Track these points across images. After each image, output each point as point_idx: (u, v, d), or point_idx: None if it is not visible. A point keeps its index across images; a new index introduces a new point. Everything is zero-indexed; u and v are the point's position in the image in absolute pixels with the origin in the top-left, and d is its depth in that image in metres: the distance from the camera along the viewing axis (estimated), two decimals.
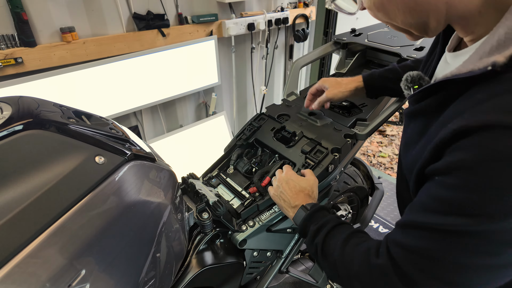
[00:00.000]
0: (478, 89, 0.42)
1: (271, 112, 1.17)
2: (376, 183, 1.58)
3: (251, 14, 2.29)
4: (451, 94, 0.47)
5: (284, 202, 0.80)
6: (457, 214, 0.41)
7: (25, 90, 1.52)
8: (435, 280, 0.44)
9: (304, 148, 0.99)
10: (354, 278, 0.55)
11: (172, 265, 0.71)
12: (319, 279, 1.23)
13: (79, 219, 0.47)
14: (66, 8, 1.57)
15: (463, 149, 0.40)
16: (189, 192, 0.92)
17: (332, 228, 0.65)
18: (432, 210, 0.44)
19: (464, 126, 0.40)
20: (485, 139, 0.38)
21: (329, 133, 1.03)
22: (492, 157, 0.37)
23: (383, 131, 3.55)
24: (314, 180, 0.85)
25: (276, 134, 1.08)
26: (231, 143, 1.13)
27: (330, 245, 0.63)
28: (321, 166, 0.94)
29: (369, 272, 0.52)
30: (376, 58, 1.48)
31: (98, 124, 0.61)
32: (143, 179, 0.59)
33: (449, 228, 0.42)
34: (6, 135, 0.45)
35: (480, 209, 0.39)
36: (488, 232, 0.40)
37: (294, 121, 1.11)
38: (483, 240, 0.40)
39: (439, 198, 0.43)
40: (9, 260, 0.40)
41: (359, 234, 0.62)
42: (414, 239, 0.46)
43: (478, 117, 0.39)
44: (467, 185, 0.40)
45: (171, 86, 2.08)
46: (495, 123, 0.37)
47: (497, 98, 0.39)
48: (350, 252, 0.58)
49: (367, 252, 0.54)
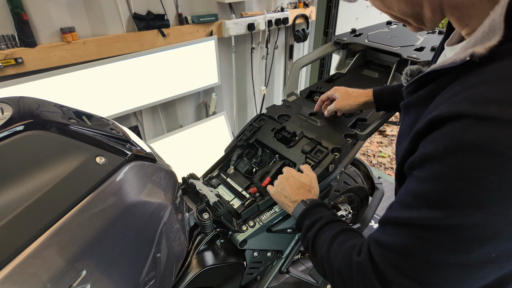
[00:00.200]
0: (459, 82, 0.42)
1: (271, 113, 1.17)
2: (376, 183, 1.59)
3: (251, 14, 2.29)
4: (439, 86, 0.47)
5: (285, 198, 0.81)
6: (427, 207, 0.41)
7: (25, 91, 1.52)
8: (407, 278, 0.44)
9: (304, 148, 0.99)
10: (337, 274, 0.56)
11: (172, 266, 0.71)
12: (319, 279, 1.23)
13: (80, 219, 0.47)
14: (66, 8, 1.57)
15: (435, 140, 0.40)
16: (190, 193, 0.92)
17: (324, 224, 0.66)
18: (406, 205, 0.44)
19: (435, 116, 0.40)
20: (455, 129, 0.38)
21: (330, 133, 1.03)
22: (461, 147, 0.37)
23: (383, 131, 3.55)
24: (313, 175, 0.86)
25: (276, 134, 1.08)
26: (232, 143, 1.13)
27: (319, 241, 0.64)
28: (321, 166, 0.94)
29: (350, 269, 0.53)
30: (376, 58, 1.48)
31: (99, 125, 0.61)
32: (144, 180, 0.60)
33: (419, 223, 0.42)
34: (7, 135, 0.45)
35: (447, 202, 0.39)
36: (456, 227, 0.39)
37: (294, 121, 1.12)
38: (452, 236, 0.39)
39: (413, 192, 0.43)
40: (10, 261, 0.40)
41: (348, 232, 0.63)
42: (389, 236, 0.47)
43: (450, 107, 0.39)
44: (436, 177, 0.39)
45: (171, 86, 2.08)
46: (465, 113, 0.37)
47: (472, 90, 0.38)
48: (335, 249, 0.59)
49: (351, 249, 0.55)
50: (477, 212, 0.37)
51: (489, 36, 0.39)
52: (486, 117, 0.36)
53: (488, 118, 0.35)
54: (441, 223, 0.40)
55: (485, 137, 0.35)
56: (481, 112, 0.36)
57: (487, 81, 0.38)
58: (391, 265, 0.46)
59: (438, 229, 0.40)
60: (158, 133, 2.24)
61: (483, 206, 0.37)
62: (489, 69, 0.39)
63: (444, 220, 0.39)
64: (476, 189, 0.37)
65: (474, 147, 0.36)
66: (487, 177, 0.36)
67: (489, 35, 0.39)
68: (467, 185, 0.37)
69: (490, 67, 0.39)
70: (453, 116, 0.38)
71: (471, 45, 0.41)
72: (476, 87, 0.38)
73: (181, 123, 2.35)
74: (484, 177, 0.36)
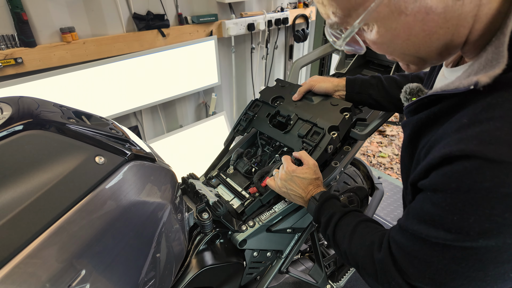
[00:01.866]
0: (465, 113, 0.43)
1: (265, 97, 1.12)
2: (376, 183, 1.58)
3: (251, 14, 2.29)
4: (442, 111, 0.48)
5: (298, 197, 0.83)
6: (444, 230, 0.44)
7: (25, 90, 1.52)
8: (429, 279, 0.47)
9: (300, 131, 0.96)
10: (361, 268, 0.62)
11: (172, 265, 0.71)
12: (319, 279, 1.23)
13: (79, 219, 0.47)
14: (66, 8, 1.57)
15: (447, 176, 0.42)
16: (189, 192, 0.92)
17: (339, 219, 0.71)
18: (423, 220, 0.47)
19: (447, 154, 0.41)
20: (466, 170, 0.39)
21: (325, 110, 0.97)
22: (472, 188, 0.39)
23: (383, 131, 3.55)
24: (313, 164, 0.85)
25: (272, 120, 1.05)
26: (229, 136, 1.12)
27: (339, 236, 0.69)
28: (319, 149, 0.91)
29: (372, 264, 0.58)
30: (376, 58, 1.48)
31: (98, 124, 0.61)
32: (143, 179, 0.59)
33: (436, 241, 0.45)
34: (6, 135, 0.45)
35: (462, 230, 0.41)
36: (471, 250, 0.42)
37: (288, 102, 1.06)
38: (467, 256, 0.42)
39: (428, 212, 0.46)
40: (9, 261, 0.40)
41: (363, 224, 0.67)
42: (409, 241, 0.50)
43: (460, 146, 0.40)
44: (450, 208, 0.42)
45: (171, 86, 2.09)
46: (475, 154, 0.38)
47: (480, 126, 0.40)
48: (356, 245, 0.64)
49: (371, 245, 0.60)
50: (492, 241, 0.40)
51: (492, 64, 0.39)
52: (497, 160, 0.37)
53: (499, 162, 0.37)
54: (457, 245, 0.43)
55: (497, 181, 0.37)
56: (491, 155, 0.37)
57: (495, 118, 0.39)
58: (413, 266, 0.49)
59: (454, 248, 0.43)
60: (158, 133, 2.24)
61: (498, 236, 0.39)
62: (495, 103, 0.39)
63: (460, 243, 0.42)
64: (489, 223, 0.39)
65: (486, 189, 0.38)
66: (500, 214, 0.38)
67: (492, 63, 0.39)
68: (481, 220, 0.39)
69: (496, 100, 0.39)
70: (463, 156, 0.39)
71: (474, 71, 0.42)
72: (484, 123, 0.39)
73: (181, 123, 2.35)
74: (497, 214, 0.38)
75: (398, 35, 0.46)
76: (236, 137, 1.12)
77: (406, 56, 0.50)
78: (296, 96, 1.04)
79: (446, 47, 0.46)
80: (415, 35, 0.45)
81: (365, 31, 0.49)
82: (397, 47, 0.48)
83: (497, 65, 0.38)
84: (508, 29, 0.39)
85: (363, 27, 0.48)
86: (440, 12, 0.42)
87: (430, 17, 0.42)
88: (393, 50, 0.50)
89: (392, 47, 0.49)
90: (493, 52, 0.40)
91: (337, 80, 1.00)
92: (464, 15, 0.42)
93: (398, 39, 0.46)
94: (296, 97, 1.04)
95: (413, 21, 0.43)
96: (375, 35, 0.47)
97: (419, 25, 0.44)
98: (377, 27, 0.46)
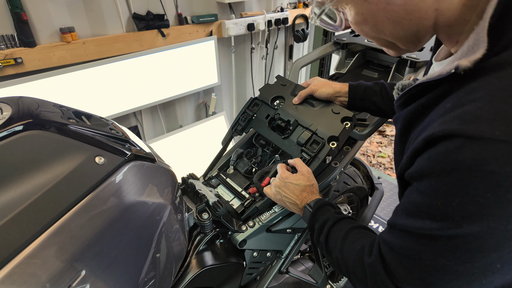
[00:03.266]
0: (450, 99, 0.43)
1: (264, 95, 1.09)
2: (376, 183, 1.59)
3: (251, 14, 2.29)
4: (429, 101, 0.48)
5: (293, 204, 0.82)
6: (429, 219, 0.43)
7: (25, 91, 1.52)
8: (418, 279, 0.47)
9: (299, 139, 0.95)
10: (352, 274, 0.61)
11: (172, 266, 0.71)
12: (319, 279, 1.23)
13: (79, 219, 0.47)
14: (66, 8, 1.57)
15: (430, 158, 0.42)
16: (189, 193, 0.92)
17: (332, 226, 0.70)
18: (410, 213, 0.47)
19: (430, 135, 0.41)
20: (448, 149, 0.39)
21: (326, 118, 0.96)
22: (455, 167, 0.39)
23: (383, 131, 3.55)
24: (307, 171, 0.85)
25: (271, 122, 1.04)
26: (227, 135, 1.11)
27: (331, 243, 0.68)
28: (317, 160, 0.91)
29: (363, 269, 0.57)
30: (376, 59, 1.48)
31: (98, 125, 0.61)
32: (143, 180, 0.59)
33: (423, 232, 0.44)
34: (6, 135, 0.45)
35: (447, 216, 0.41)
36: (456, 238, 0.41)
37: (288, 105, 1.04)
38: (454, 246, 0.42)
39: (415, 202, 0.46)
40: (9, 261, 0.40)
41: (355, 230, 0.67)
42: (398, 239, 0.50)
43: (442, 126, 0.40)
44: (435, 193, 0.42)
45: (171, 86, 2.08)
46: (457, 132, 0.38)
47: (462, 108, 0.40)
48: (347, 250, 0.63)
49: (361, 250, 0.59)
50: (476, 226, 0.39)
51: (473, 49, 0.40)
52: (477, 137, 0.37)
53: (479, 138, 0.37)
54: (442, 234, 0.42)
55: (478, 158, 0.37)
56: (472, 133, 0.37)
57: (476, 99, 0.39)
58: (402, 266, 0.49)
59: (440, 239, 0.43)
60: (157, 133, 2.24)
61: (482, 220, 0.38)
62: (478, 86, 0.40)
63: (445, 231, 0.42)
64: (472, 205, 0.38)
65: (468, 168, 0.38)
66: (482, 194, 0.37)
67: (473, 49, 0.40)
68: (464, 202, 0.39)
69: (478, 84, 0.40)
70: (445, 136, 0.39)
71: (457, 58, 0.43)
72: (466, 105, 0.39)
73: (180, 123, 2.35)
74: (480, 195, 0.37)
75: (366, 20, 0.50)
76: (234, 136, 1.11)
77: (379, 40, 0.54)
78: (296, 100, 1.04)
79: (415, 36, 0.49)
80: (381, 22, 0.48)
81: (346, 11, 0.52)
82: (368, 31, 0.52)
83: (478, 50, 0.39)
84: (488, 14, 0.40)
85: (343, 7, 0.51)
86: (399, 4, 0.45)
87: (391, 8, 0.46)
88: (366, 33, 0.53)
89: (365, 30, 0.52)
90: (474, 39, 0.41)
91: (339, 86, 0.99)
92: (425, 9, 0.45)
93: (367, 23, 0.50)
94: (296, 100, 1.04)
95: (376, 9, 0.47)
96: (349, 16, 0.52)
97: (383, 13, 0.47)
98: (349, 9, 0.50)
